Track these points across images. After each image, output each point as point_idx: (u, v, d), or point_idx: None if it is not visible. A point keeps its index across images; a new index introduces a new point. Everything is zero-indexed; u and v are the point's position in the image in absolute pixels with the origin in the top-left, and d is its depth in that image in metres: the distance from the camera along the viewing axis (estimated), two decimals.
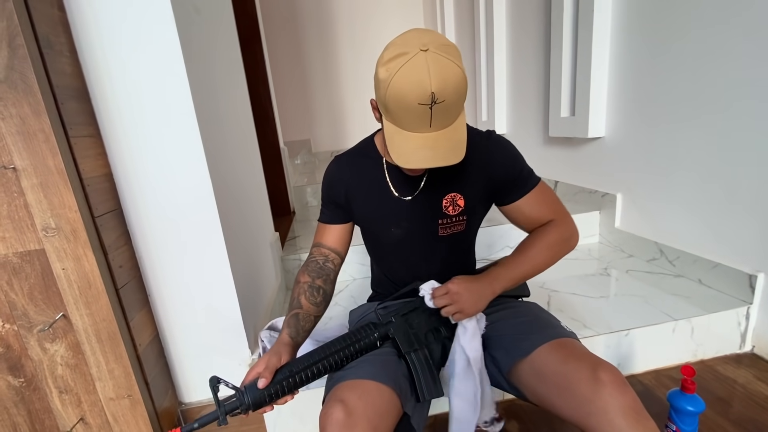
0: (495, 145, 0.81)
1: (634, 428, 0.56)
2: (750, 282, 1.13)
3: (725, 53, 1.12)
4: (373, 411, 0.63)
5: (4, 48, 0.64)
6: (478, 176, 0.80)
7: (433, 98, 0.58)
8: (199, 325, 0.95)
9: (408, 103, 0.60)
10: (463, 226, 0.83)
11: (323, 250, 0.87)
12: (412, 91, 0.58)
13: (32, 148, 0.68)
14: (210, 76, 0.99)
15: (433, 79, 0.57)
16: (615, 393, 0.59)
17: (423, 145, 0.63)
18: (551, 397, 0.67)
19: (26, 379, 0.79)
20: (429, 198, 0.79)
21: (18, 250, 0.72)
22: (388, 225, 0.83)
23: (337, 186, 0.84)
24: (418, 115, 0.61)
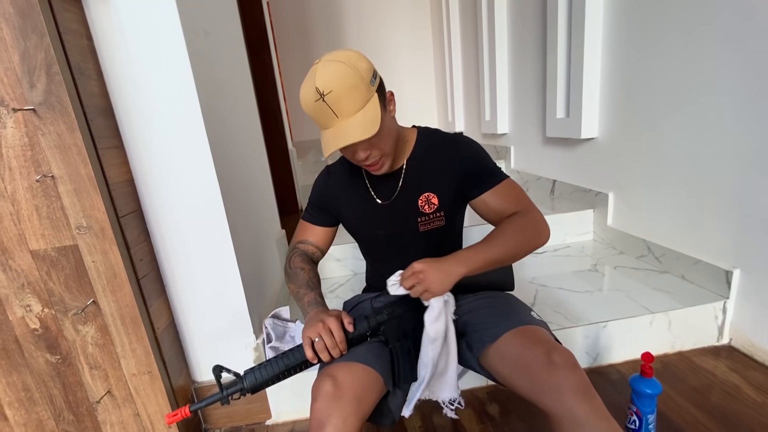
0: (462, 144, 0.88)
1: (582, 405, 0.63)
2: (727, 277, 1.18)
3: (704, 58, 1.17)
4: (359, 385, 0.70)
5: (43, 75, 0.76)
6: (447, 175, 0.86)
7: (319, 92, 0.71)
8: (209, 313, 1.07)
9: (308, 105, 0.73)
10: (443, 221, 0.89)
11: (309, 246, 0.95)
12: (306, 93, 0.72)
13: (67, 159, 0.80)
14: (218, 90, 1.10)
15: (317, 78, 0.71)
16: (566, 374, 0.66)
17: (336, 133, 0.74)
18: (512, 378, 0.75)
19: (62, 356, 0.92)
20: (406, 199, 0.87)
21: (55, 245, 0.85)
22: (373, 228, 0.91)
23: (327, 196, 0.93)
24: (321, 111, 0.72)
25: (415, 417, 1.09)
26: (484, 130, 2.73)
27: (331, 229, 0.96)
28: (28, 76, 0.76)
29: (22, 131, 0.78)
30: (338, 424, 0.65)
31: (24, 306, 0.88)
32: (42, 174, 0.80)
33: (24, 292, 0.87)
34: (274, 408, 1.13)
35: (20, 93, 0.77)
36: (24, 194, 0.81)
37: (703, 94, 1.19)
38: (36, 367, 0.92)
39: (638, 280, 1.38)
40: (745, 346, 1.18)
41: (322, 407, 0.66)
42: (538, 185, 2.17)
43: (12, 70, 0.75)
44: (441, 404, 0.82)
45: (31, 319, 0.89)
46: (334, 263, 1.71)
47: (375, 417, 0.79)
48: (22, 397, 0.94)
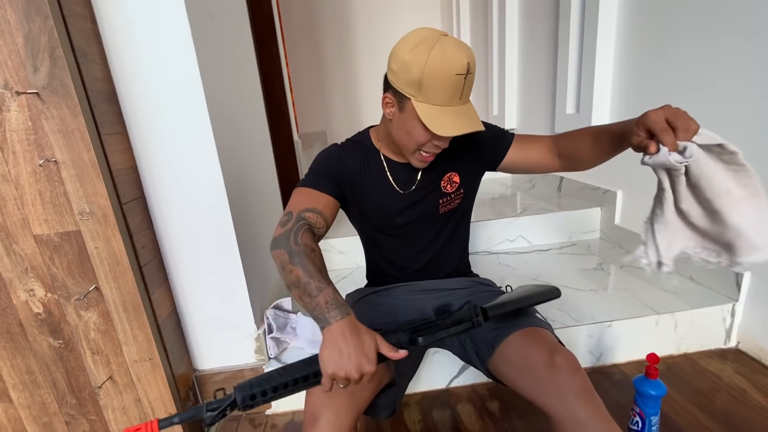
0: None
1: (583, 407, 0.62)
2: (737, 280, 1.16)
3: (719, 54, 1.14)
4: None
5: (47, 59, 0.75)
6: (465, 150, 0.87)
7: (468, 68, 0.66)
8: (211, 302, 1.07)
9: (448, 76, 0.66)
10: (461, 200, 0.91)
11: (318, 218, 0.76)
12: (452, 62, 0.65)
13: (70, 144, 0.80)
14: (223, 77, 1.09)
15: (465, 52, 0.66)
16: (568, 376, 0.66)
17: (458, 114, 0.70)
18: (515, 380, 0.75)
19: (64, 341, 0.93)
20: (428, 184, 0.87)
21: (59, 230, 0.85)
22: (391, 216, 0.88)
23: (340, 169, 0.83)
24: (454, 87, 0.67)
25: (414, 411, 1.09)
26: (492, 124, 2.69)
27: (337, 203, 0.82)
28: (32, 59, 0.75)
29: (25, 115, 0.78)
30: (331, 417, 0.64)
31: (27, 290, 0.88)
32: (45, 158, 0.80)
33: (27, 277, 0.87)
34: None
35: (24, 76, 0.76)
36: (27, 178, 0.81)
37: (717, 91, 1.16)
38: (39, 351, 0.93)
39: (645, 280, 1.36)
40: (754, 350, 1.16)
41: (316, 400, 0.66)
42: (544, 182, 2.14)
43: (16, 53, 0.75)
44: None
45: (35, 304, 0.89)
46: (338, 255, 1.70)
47: (373, 410, 0.79)
48: (26, 380, 0.95)
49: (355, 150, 0.87)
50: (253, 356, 1.13)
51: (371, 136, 0.89)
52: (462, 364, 1.14)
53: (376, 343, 0.59)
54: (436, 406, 1.09)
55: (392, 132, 0.79)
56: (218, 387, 1.12)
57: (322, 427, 0.63)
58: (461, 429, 1.02)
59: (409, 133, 0.74)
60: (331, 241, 1.68)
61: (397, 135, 0.78)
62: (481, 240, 1.73)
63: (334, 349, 0.57)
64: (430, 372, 1.14)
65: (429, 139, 0.74)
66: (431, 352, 1.12)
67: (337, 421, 0.64)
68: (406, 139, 0.76)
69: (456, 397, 1.12)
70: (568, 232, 1.76)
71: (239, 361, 1.12)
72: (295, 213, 0.74)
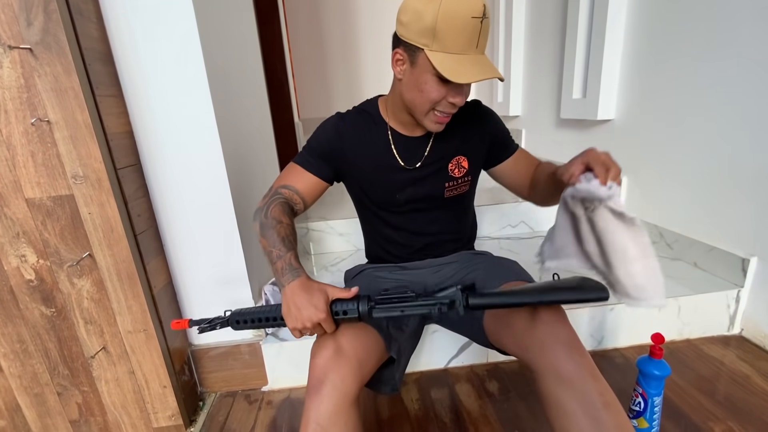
0: (485, 110, 0.89)
1: (568, 362, 0.60)
2: (743, 266, 1.14)
3: (735, 42, 1.11)
4: (362, 346, 0.68)
5: (41, 13, 0.72)
6: (476, 137, 0.86)
7: (484, 11, 0.64)
8: (208, 276, 1.05)
9: (463, 19, 0.63)
10: (467, 186, 0.88)
11: (293, 194, 0.81)
12: (467, 4, 0.62)
13: (64, 104, 0.77)
14: (224, 45, 1.05)
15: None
16: (551, 327, 0.63)
17: (475, 62, 0.66)
18: (500, 335, 0.73)
19: (57, 309, 0.91)
20: (435, 163, 0.84)
21: (51, 194, 0.82)
22: (393, 192, 0.85)
23: (336, 144, 0.82)
24: (470, 32, 0.64)
25: (413, 389, 1.07)
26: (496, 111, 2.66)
27: (324, 184, 0.85)
28: (26, 13, 0.72)
29: (18, 72, 0.75)
30: (337, 382, 0.63)
31: (19, 256, 0.86)
32: (38, 117, 0.77)
33: (19, 242, 0.85)
34: (270, 374, 1.12)
35: (17, 31, 0.73)
36: (19, 139, 0.78)
37: (726, 77, 1.13)
38: (31, 319, 0.91)
39: None
40: (758, 337, 1.14)
41: (322, 364, 0.64)
42: None
43: (9, 6, 0.72)
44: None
45: (26, 270, 0.87)
46: (338, 237, 1.68)
47: (375, 384, 0.77)
48: (17, 349, 0.93)
49: (358, 120, 0.85)
50: (250, 332, 1.11)
51: (379, 105, 0.86)
52: (461, 344, 1.13)
53: (325, 294, 0.65)
54: (435, 386, 1.08)
55: (403, 93, 0.75)
56: (214, 362, 1.11)
57: (327, 392, 0.62)
58: (459, 408, 1.00)
59: (422, 90, 0.70)
60: (330, 223, 1.66)
61: (408, 95, 0.74)
62: (484, 225, 1.71)
63: (289, 307, 0.64)
64: (429, 352, 1.13)
65: (444, 94, 0.70)
66: (430, 331, 1.10)
67: (342, 387, 0.63)
68: (419, 98, 0.71)
69: (455, 377, 1.11)
70: None
71: (236, 337, 1.10)
72: (274, 188, 0.82)
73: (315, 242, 1.69)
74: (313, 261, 1.62)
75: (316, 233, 1.67)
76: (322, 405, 0.62)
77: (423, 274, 0.93)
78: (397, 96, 0.78)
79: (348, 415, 0.63)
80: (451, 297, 0.65)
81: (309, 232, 1.67)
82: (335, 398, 0.62)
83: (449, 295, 0.65)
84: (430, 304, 0.65)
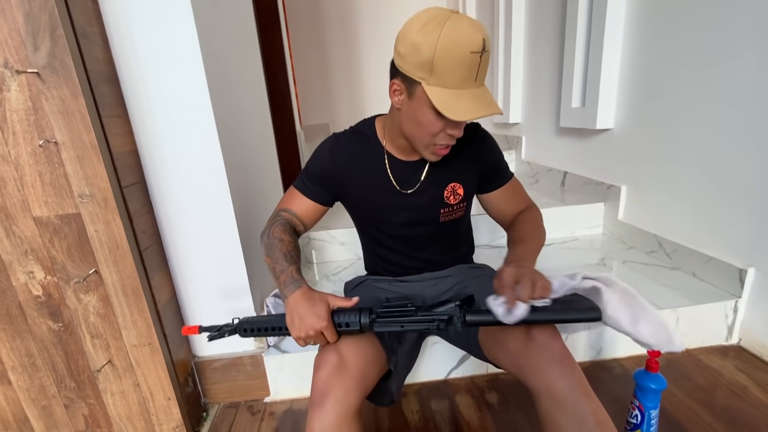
0: (482, 136, 0.87)
1: (561, 380, 0.61)
2: (740, 276, 1.15)
3: (733, 52, 1.12)
4: (364, 359, 0.70)
5: (47, 38, 0.74)
6: (472, 164, 0.86)
7: (484, 45, 0.61)
8: (211, 289, 1.07)
9: (461, 54, 0.61)
10: (463, 212, 0.89)
11: (292, 218, 0.85)
12: (466, 39, 0.60)
13: (71, 125, 0.79)
14: (225, 63, 1.07)
15: (479, 29, 0.61)
16: (543, 346, 0.64)
17: (474, 97, 0.65)
18: (495, 352, 0.75)
19: (64, 324, 0.93)
20: (431, 190, 0.84)
21: (58, 213, 0.84)
22: (388, 215, 0.86)
23: (330, 169, 0.84)
24: (469, 67, 0.62)
25: (413, 401, 1.09)
26: (496, 119, 2.68)
27: (322, 208, 0.87)
28: (32, 37, 0.74)
29: (26, 95, 0.77)
30: (340, 396, 0.64)
31: (27, 272, 0.88)
32: (45, 139, 0.79)
33: (27, 259, 0.87)
34: (273, 385, 1.13)
35: (24, 55, 0.75)
36: (27, 159, 0.80)
37: (724, 87, 1.14)
38: (39, 334, 0.93)
39: (647, 276, 1.35)
40: (755, 347, 1.15)
41: (325, 377, 0.65)
42: (548, 177, 2.13)
43: (16, 32, 0.74)
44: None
45: (34, 286, 0.89)
46: (339, 247, 1.70)
47: (373, 396, 0.79)
48: (25, 363, 0.95)
49: (352, 142, 0.85)
50: (253, 344, 1.13)
51: (377, 126, 0.86)
52: (461, 355, 1.14)
53: (327, 303, 0.67)
54: (435, 397, 1.09)
55: (402, 123, 0.75)
56: (218, 373, 1.12)
57: (330, 405, 0.63)
58: (459, 420, 1.01)
59: (420, 122, 0.70)
60: (332, 232, 1.68)
61: (407, 126, 0.74)
62: (484, 234, 1.72)
63: (292, 317, 0.67)
64: (429, 363, 1.14)
65: (442, 128, 0.70)
66: (430, 343, 1.11)
67: (345, 401, 0.64)
68: (417, 130, 0.72)
69: (454, 388, 1.12)
70: (571, 227, 1.75)
71: (238, 349, 1.12)
72: (276, 211, 0.87)
73: (318, 251, 1.71)
74: (316, 270, 1.64)
75: (318, 242, 1.69)
76: (325, 418, 0.63)
77: (421, 287, 0.95)
78: (395, 123, 0.77)
79: (350, 428, 0.65)
80: (449, 313, 0.66)
81: (311, 241, 1.68)
82: (338, 411, 0.63)
83: (447, 312, 0.66)
84: (428, 321, 0.66)
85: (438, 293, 0.93)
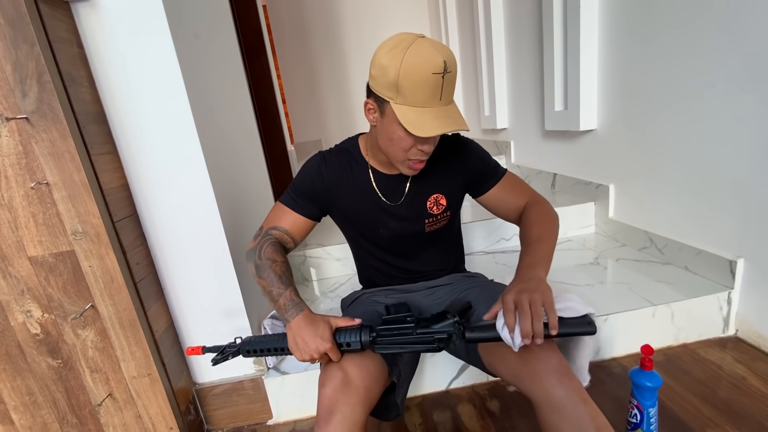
0: (464, 145, 0.90)
1: (558, 388, 0.63)
2: (731, 267, 1.16)
3: (703, 47, 1.15)
4: (368, 374, 0.71)
5: (35, 84, 0.77)
6: (454, 175, 0.88)
7: (444, 66, 0.65)
8: (207, 315, 1.08)
9: (424, 76, 0.65)
10: (447, 221, 0.91)
11: (282, 235, 0.86)
12: (427, 62, 0.64)
13: (61, 166, 0.81)
14: (210, 94, 1.10)
15: (441, 51, 0.65)
16: (542, 357, 0.66)
17: (437, 115, 0.68)
18: (494, 363, 0.76)
19: (63, 360, 0.94)
20: (414, 201, 0.87)
21: (53, 251, 0.86)
22: (376, 227, 0.89)
23: (318, 184, 0.86)
24: (432, 87, 0.66)
25: (415, 414, 1.09)
26: (484, 125, 2.71)
27: (311, 222, 0.89)
28: (20, 85, 0.77)
29: (16, 140, 0.80)
30: (346, 412, 0.65)
31: (24, 311, 0.89)
32: (37, 181, 0.81)
33: (24, 298, 0.88)
34: (275, 408, 1.13)
35: (13, 102, 0.78)
36: (20, 201, 0.83)
37: (702, 83, 1.17)
38: (39, 372, 0.94)
39: (640, 272, 1.36)
40: (752, 337, 1.16)
41: (331, 394, 0.66)
42: (539, 179, 2.15)
43: (5, 80, 0.77)
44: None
45: (32, 324, 0.90)
46: (335, 263, 1.71)
47: (380, 412, 0.80)
48: (27, 401, 0.96)
49: (339, 158, 0.88)
50: (253, 367, 1.13)
51: (360, 143, 0.89)
52: (461, 365, 1.14)
53: (329, 325, 0.70)
54: (437, 408, 1.09)
55: (378, 140, 0.79)
56: (219, 399, 1.13)
57: (337, 422, 0.64)
58: (462, 430, 1.02)
59: (392, 138, 0.74)
60: (328, 249, 1.69)
61: (381, 142, 0.78)
62: (477, 239, 1.74)
63: (295, 341, 0.70)
64: (430, 374, 1.14)
65: (413, 143, 0.73)
66: (430, 354, 1.12)
67: (352, 416, 0.65)
68: (391, 146, 0.76)
69: (456, 398, 1.12)
70: (564, 227, 1.77)
71: (238, 373, 1.12)
72: (264, 229, 0.87)
73: (316, 268, 1.72)
74: (316, 287, 1.65)
75: (314, 260, 1.70)
76: None
77: (417, 297, 0.96)
78: (374, 139, 0.82)
79: None
80: (448, 331, 0.68)
81: (307, 259, 1.70)
82: (345, 427, 0.64)
83: (446, 329, 0.68)
84: (428, 342, 0.68)
85: (434, 302, 0.94)
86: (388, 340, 0.69)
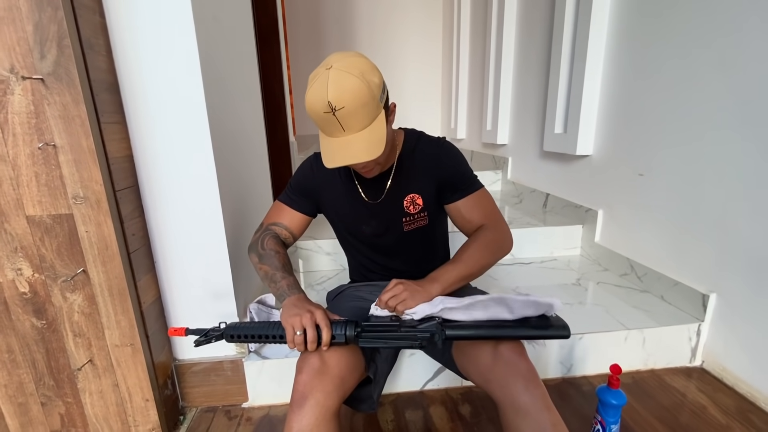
0: (444, 150, 0.91)
1: (525, 394, 0.66)
2: (703, 301, 1.21)
3: (697, 85, 1.21)
4: (345, 363, 0.73)
5: (54, 47, 0.78)
6: (430, 177, 0.90)
7: (331, 106, 0.68)
8: (195, 294, 1.09)
9: (316, 113, 0.70)
10: (426, 221, 0.94)
11: (282, 230, 0.94)
12: (316, 102, 0.69)
13: (70, 130, 0.82)
14: (223, 75, 1.12)
15: (330, 91, 0.67)
16: (511, 363, 0.70)
17: (340, 147, 0.72)
18: (466, 366, 0.79)
19: (47, 321, 0.94)
20: (393, 200, 0.91)
21: (51, 213, 0.87)
22: (359, 224, 0.94)
23: (311, 182, 0.94)
24: (328, 122, 0.70)
25: (388, 411, 1.11)
26: (485, 139, 2.76)
27: (307, 218, 0.96)
28: (40, 46, 0.78)
29: (28, 99, 0.81)
30: (320, 398, 0.67)
31: (15, 269, 0.90)
32: (44, 142, 0.83)
33: (16, 256, 0.89)
34: (251, 391, 1.15)
35: (30, 62, 0.79)
36: (25, 160, 0.83)
37: (693, 122, 1.22)
38: (21, 330, 0.94)
39: (618, 297, 1.41)
40: (716, 370, 1.21)
41: (307, 380, 0.69)
42: (532, 197, 2.20)
43: (24, 40, 0.78)
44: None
45: (21, 283, 0.91)
46: (325, 257, 1.73)
47: (354, 401, 0.82)
48: (5, 359, 0.96)
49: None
50: (234, 349, 1.15)
51: None
52: (437, 368, 1.17)
53: (321, 308, 0.74)
54: (410, 407, 1.12)
55: None
56: (197, 377, 1.14)
57: (310, 407, 0.66)
58: (432, 430, 1.04)
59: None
60: (319, 242, 1.72)
61: None
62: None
63: (290, 309, 0.73)
64: (406, 374, 1.17)
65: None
66: (408, 354, 1.15)
67: (326, 403, 0.67)
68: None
69: (429, 399, 1.15)
70: (550, 247, 1.82)
71: (219, 353, 1.14)
72: (264, 225, 0.95)
73: (304, 260, 1.74)
74: (302, 278, 1.67)
75: (304, 252, 1.72)
76: (304, 419, 0.66)
77: None
78: None
79: (328, 429, 0.68)
80: (431, 331, 0.71)
81: (297, 250, 1.71)
82: (317, 413, 0.67)
83: (429, 329, 0.71)
84: (411, 339, 0.71)
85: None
86: (372, 336, 0.72)
